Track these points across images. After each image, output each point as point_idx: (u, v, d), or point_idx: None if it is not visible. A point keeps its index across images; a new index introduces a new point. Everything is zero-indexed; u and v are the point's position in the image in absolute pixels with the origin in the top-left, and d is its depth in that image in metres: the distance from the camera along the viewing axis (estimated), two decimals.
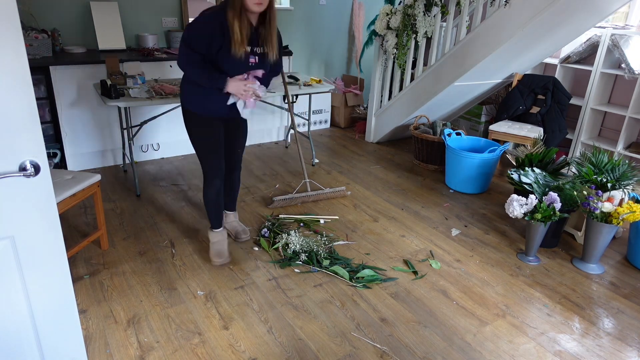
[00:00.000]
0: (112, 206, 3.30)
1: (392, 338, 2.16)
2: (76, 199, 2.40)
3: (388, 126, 4.77)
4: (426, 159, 4.26)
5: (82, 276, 2.51)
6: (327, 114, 5.42)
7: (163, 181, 3.76)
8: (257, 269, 2.65)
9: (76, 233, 2.93)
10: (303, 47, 5.46)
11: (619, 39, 3.76)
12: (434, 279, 2.63)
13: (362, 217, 3.31)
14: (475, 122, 4.98)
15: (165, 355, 2.01)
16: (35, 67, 3.43)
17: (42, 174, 1.30)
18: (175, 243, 2.87)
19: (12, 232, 1.31)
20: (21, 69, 1.21)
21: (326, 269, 2.62)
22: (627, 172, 2.85)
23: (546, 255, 2.93)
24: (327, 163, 4.32)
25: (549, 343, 2.18)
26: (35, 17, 3.79)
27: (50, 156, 3.68)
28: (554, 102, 4.09)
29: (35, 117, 1.26)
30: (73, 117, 3.70)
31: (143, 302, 2.33)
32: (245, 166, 4.14)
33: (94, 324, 2.17)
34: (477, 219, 3.36)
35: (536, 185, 2.93)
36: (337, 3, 5.50)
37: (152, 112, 3.87)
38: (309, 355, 2.04)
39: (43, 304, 1.44)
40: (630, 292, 2.60)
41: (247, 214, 3.26)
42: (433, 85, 4.13)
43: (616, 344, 2.20)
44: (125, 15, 4.17)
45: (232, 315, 2.26)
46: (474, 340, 2.17)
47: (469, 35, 3.72)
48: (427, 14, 4.06)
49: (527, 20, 3.26)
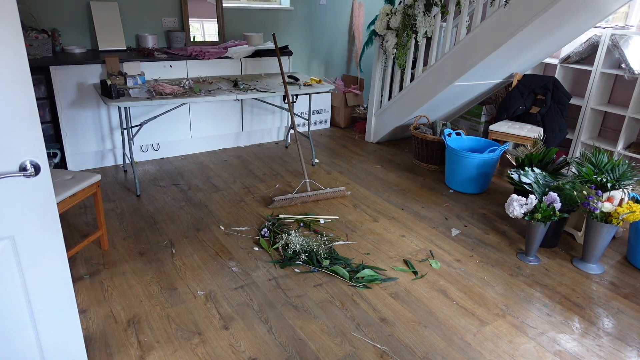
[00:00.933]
0: (112, 206, 3.30)
1: (392, 338, 2.16)
2: (76, 199, 2.40)
3: (388, 126, 4.78)
4: (426, 159, 4.27)
5: (82, 276, 2.51)
6: (327, 114, 5.42)
7: (163, 181, 3.76)
8: (257, 269, 2.65)
9: (76, 233, 2.93)
10: (303, 47, 5.46)
11: (619, 39, 3.76)
12: (434, 279, 2.63)
13: (362, 217, 3.31)
14: (475, 122, 4.98)
15: (165, 355, 2.01)
16: (35, 67, 3.43)
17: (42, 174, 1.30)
18: (175, 243, 2.87)
19: (12, 232, 1.31)
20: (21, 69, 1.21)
21: (326, 269, 2.63)
22: (627, 172, 2.85)
23: (546, 255, 2.93)
24: (327, 163, 4.32)
25: (549, 343, 2.18)
26: (35, 17, 3.79)
27: (50, 156, 3.69)
28: (554, 102, 4.09)
29: (35, 117, 1.26)
30: (73, 117, 3.70)
31: (143, 302, 2.33)
32: (245, 166, 4.15)
33: (94, 324, 2.17)
34: (477, 219, 3.36)
35: (536, 185, 2.94)
36: (337, 3, 5.50)
37: (152, 112, 3.87)
38: (309, 355, 2.04)
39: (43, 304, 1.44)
40: (630, 292, 2.61)
41: (247, 213, 3.27)
42: (433, 85, 4.13)
43: (616, 344, 2.20)
44: (125, 15, 4.17)
45: (232, 315, 2.26)
46: (474, 340, 2.17)
47: (469, 35, 3.72)
48: (427, 14, 4.06)
49: (527, 20, 3.26)
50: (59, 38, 3.88)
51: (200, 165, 4.12)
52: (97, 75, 3.66)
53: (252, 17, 4.92)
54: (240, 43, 4.54)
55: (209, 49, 4.28)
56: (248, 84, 3.89)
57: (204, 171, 3.99)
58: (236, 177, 3.89)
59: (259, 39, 4.62)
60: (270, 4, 5.21)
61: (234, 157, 4.38)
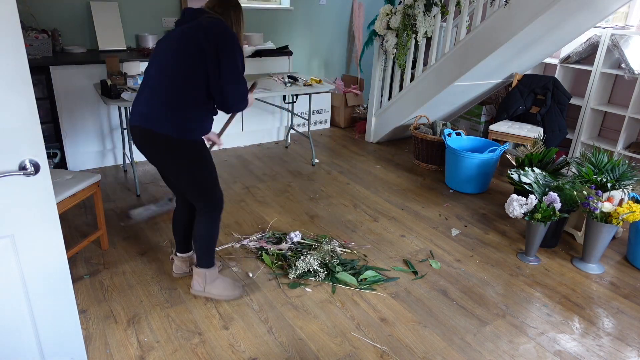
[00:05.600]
0: (112, 206, 3.30)
1: (392, 338, 2.16)
2: (76, 199, 2.40)
3: (388, 126, 4.77)
4: (426, 159, 4.26)
5: (82, 276, 2.51)
6: (327, 114, 5.42)
7: (163, 181, 3.75)
8: (257, 268, 2.65)
9: (76, 233, 2.93)
10: (303, 47, 5.46)
11: (618, 39, 3.76)
12: (434, 279, 2.63)
13: (362, 217, 3.31)
14: (475, 122, 4.98)
15: (165, 355, 2.01)
16: (35, 67, 3.43)
17: (42, 173, 1.30)
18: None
19: (12, 231, 1.31)
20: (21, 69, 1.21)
21: (337, 281, 2.52)
22: (627, 172, 2.85)
23: (546, 255, 2.93)
24: (327, 163, 4.32)
25: (549, 343, 2.18)
26: (35, 17, 3.79)
27: (50, 156, 3.68)
28: (554, 102, 4.09)
29: (35, 117, 1.26)
30: (73, 117, 3.70)
31: (143, 302, 2.33)
32: (245, 166, 4.15)
33: (94, 324, 2.17)
34: (477, 219, 3.36)
35: (536, 185, 2.93)
36: (337, 3, 5.50)
37: None
38: (309, 355, 2.04)
39: (43, 304, 1.44)
40: (630, 292, 2.60)
41: (247, 213, 3.26)
42: (433, 85, 4.13)
43: (616, 344, 2.20)
44: (125, 15, 4.17)
45: (232, 315, 2.26)
46: (474, 340, 2.17)
47: (469, 35, 3.72)
48: (427, 14, 4.06)
49: (527, 20, 3.26)
50: (59, 38, 3.88)
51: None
52: (97, 75, 3.66)
53: (252, 17, 4.92)
54: None
55: None
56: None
57: None
58: (236, 177, 3.89)
59: (259, 39, 4.63)
60: (270, 4, 5.21)
61: (234, 157, 4.38)
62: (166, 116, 1.98)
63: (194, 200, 2.20)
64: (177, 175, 2.14)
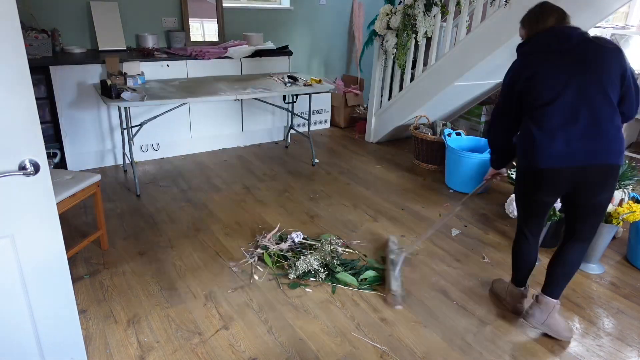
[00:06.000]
0: (112, 206, 3.30)
1: (392, 338, 2.16)
2: (76, 199, 2.40)
3: (388, 126, 4.77)
4: (426, 159, 4.26)
5: (82, 276, 2.51)
6: (327, 114, 5.42)
7: (163, 181, 3.76)
8: (258, 269, 2.64)
9: (76, 233, 2.93)
10: (303, 47, 5.46)
11: (619, 39, 3.76)
12: (434, 279, 2.63)
13: (362, 217, 3.30)
14: (475, 122, 4.98)
15: (165, 355, 2.01)
16: (35, 67, 3.43)
17: (42, 172, 1.30)
18: (175, 243, 2.87)
19: (11, 231, 1.31)
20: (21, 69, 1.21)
21: (337, 281, 2.52)
22: (627, 172, 2.84)
23: (546, 255, 2.92)
24: (327, 163, 4.32)
25: (549, 343, 2.18)
26: (35, 17, 3.79)
27: (50, 156, 3.68)
28: None
29: (35, 117, 1.26)
30: (73, 117, 3.70)
31: (143, 302, 2.33)
32: (245, 166, 4.15)
33: (94, 324, 2.17)
34: (477, 219, 3.36)
35: None
36: (337, 3, 5.50)
37: (152, 112, 3.87)
38: (309, 355, 2.04)
39: (43, 304, 1.44)
40: (630, 292, 2.60)
41: (247, 214, 3.26)
42: (433, 85, 4.13)
43: (616, 344, 2.20)
44: (125, 15, 4.17)
45: (232, 315, 2.26)
46: (474, 340, 2.17)
47: (469, 35, 3.72)
48: (427, 14, 4.06)
49: None
50: (59, 38, 3.88)
51: (200, 165, 4.11)
52: (97, 75, 3.66)
53: (252, 17, 4.92)
54: (240, 43, 4.54)
55: (209, 49, 4.28)
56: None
57: (204, 171, 3.99)
58: (236, 177, 3.89)
59: (259, 39, 4.62)
60: (270, 4, 5.21)
61: (234, 157, 4.38)
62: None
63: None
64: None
